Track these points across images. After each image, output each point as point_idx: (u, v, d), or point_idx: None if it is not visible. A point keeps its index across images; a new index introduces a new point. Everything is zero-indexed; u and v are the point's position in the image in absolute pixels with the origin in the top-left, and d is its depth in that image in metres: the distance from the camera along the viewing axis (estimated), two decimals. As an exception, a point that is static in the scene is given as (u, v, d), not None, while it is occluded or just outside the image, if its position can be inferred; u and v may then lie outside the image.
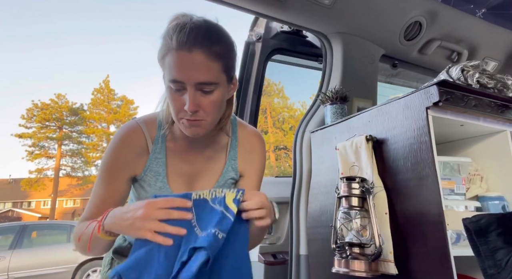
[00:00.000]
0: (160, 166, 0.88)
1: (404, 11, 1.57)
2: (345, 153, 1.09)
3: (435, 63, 1.88)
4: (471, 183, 1.08)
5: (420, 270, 0.84)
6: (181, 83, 0.73)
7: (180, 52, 0.72)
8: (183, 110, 0.76)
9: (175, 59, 0.73)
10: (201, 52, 0.72)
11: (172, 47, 0.73)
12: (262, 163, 0.99)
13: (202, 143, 0.92)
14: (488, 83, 0.95)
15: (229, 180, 0.96)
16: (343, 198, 0.97)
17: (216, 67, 0.75)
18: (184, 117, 0.77)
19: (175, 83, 0.74)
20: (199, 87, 0.74)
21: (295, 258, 1.37)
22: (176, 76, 0.73)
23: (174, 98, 0.76)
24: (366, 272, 0.88)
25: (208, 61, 0.73)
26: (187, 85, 0.73)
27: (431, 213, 0.83)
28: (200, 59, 0.72)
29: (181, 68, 0.72)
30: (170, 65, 0.74)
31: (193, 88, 0.74)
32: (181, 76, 0.72)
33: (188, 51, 0.71)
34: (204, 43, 0.72)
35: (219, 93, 0.78)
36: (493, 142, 1.07)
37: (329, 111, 1.34)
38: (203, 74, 0.73)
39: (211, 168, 0.94)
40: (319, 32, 1.59)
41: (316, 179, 1.30)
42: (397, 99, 0.97)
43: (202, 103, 0.75)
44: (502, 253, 0.60)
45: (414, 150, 0.89)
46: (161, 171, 0.88)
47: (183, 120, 0.78)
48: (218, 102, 0.79)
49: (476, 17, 1.70)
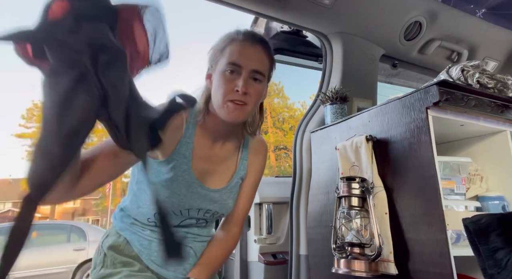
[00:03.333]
0: (187, 150, 0.92)
1: (404, 11, 1.57)
2: (345, 152, 1.09)
3: (435, 63, 1.88)
4: (471, 183, 1.08)
5: (420, 270, 0.84)
6: (239, 67, 0.86)
7: (245, 43, 0.88)
8: (233, 91, 0.85)
9: (239, 47, 0.87)
10: (261, 47, 0.89)
11: (238, 39, 0.88)
12: (263, 165, 1.09)
13: (221, 140, 0.98)
14: (488, 83, 0.95)
15: (239, 179, 1.02)
16: (343, 198, 0.97)
17: (267, 63, 0.91)
18: (232, 99, 0.86)
19: (233, 66, 0.86)
20: (252, 75, 0.87)
21: (295, 258, 1.37)
22: (237, 60, 0.86)
23: (227, 81, 0.86)
24: (366, 272, 0.88)
25: (264, 55, 0.89)
26: (244, 69, 0.86)
27: (431, 213, 0.83)
28: (259, 52, 0.89)
29: (243, 55, 0.87)
30: (232, 52, 0.87)
31: (247, 74, 0.86)
32: (242, 61, 0.86)
33: (251, 44, 0.88)
34: (263, 42, 0.91)
35: (262, 86, 0.91)
36: (493, 142, 1.08)
37: (329, 111, 1.34)
38: (259, 64, 0.88)
39: (225, 166, 1.00)
40: (319, 32, 1.59)
41: (316, 179, 1.30)
42: (397, 99, 0.97)
43: (250, 90, 0.86)
44: (502, 253, 0.60)
45: (414, 150, 0.89)
46: (187, 154, 0.92)
47: (229, 103, 0.86)
48: (260, 94, 0.91)
49: (476, 17, 1.70)
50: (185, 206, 0.92)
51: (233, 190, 1.01)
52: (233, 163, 1.02)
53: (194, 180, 0.92)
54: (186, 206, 0.92)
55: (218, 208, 0.97)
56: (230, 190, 1.00)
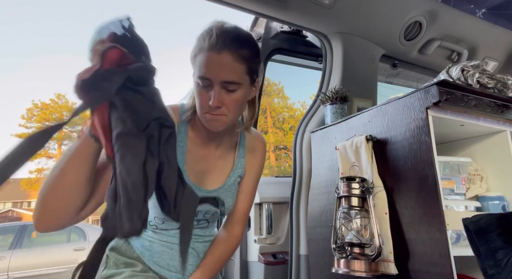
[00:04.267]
0: (180, 153, 0.92)
1: (404, 11, 1.57)
2: (345, 152, 1.09)
3: (435, 63, 1.88)
4: (471, 183, 1.08)
5: (420, 270, 0.84)
6: (208, 80, 0.81)
7: (210, 52, 0.80)
8: (207, 105, 0.83)
9: (205, 59, 0.81)
10: (229, 54, 0.80)
11: (204, 48, 0.81)
12: (262, 162, 1.07)
13: (219, 140, 0.98)
14: (488, 83, 0.95)
15: (237, 178, 1.01)
16: (343, 198, 0.97)
17: (241, 68, 0.82)
18: (208, 111, 0.84)
19: (203, 80, 0.82)
20: (224, 85, 0.82)
21: (295, 258, 1.37)
22: (205, 74, 0.81)
23: (200, 94, 0.84)
24: (366, 272, 0.88)
25: (234, 62, 0.81)
26: (214, 83, 0.81)
27: (431, 213, 0.83)
28: (227, 60, 0.80)
29: (210, 67, 0.80)
30: (200, 64, 0.82)
31: (219, 86, 0.81)
32: (209, 74, 0.80)
33: (217, 53, 0.80)
34: (232, 46, 0.80)
35: (241, 93, 0.85)
36: (493, 142, 1.07)
37: (329, 111, 1.34)
38: (229, 74, 0.81)
39: (221, 166, 0.99)
40: (319, 32, 1.59)
41: (316, 179, 1.30)
42: (397, 99, 0.97)
43: (225, 100, 0.83)
44: (502, 253, 0.60)
45: (414, 150, 0.89)
46: (181, 158, 0.91)
47: (206, 115, 0.85)
48: (240, 101, 0.86)
49: (476, 17, 1.70)
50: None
51: (231, 189, 1.00)
52: (230, 161, 1.01)
53: (190, 183, 0.91)
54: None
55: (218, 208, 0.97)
56: (228, 189, 0.99)
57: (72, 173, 0.60)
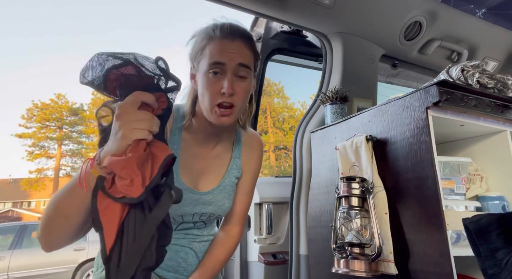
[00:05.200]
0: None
1: (404, 11, 1.57)
2: (345, 152, 1.09)
3: (435, 63, 1.88)
4: (471, 183, 1.08)
5: (420, 270, 0.84)
6: (223, 65, 0.83)
7: (224, 40, 0.84)
8: (219, 94, 0.83)
9: (219, 45, 0.84)
10: (241, 41, 0.86)
11: (216, 37, 0.84)
12: (259, 162, 1.07)
13: (215, 139, 0.97)
14: (488, 83, 0.95)
15: (233, 178, 1.00)
16: (343, 198, 0.97)
17: (251, 55, 0.88)
18: (219, 102, 0.83)
19: (216, 65, 0.83)
20: (237, 71, 0.84)
21: (295, 258, 1.37)
22: (219, 58, 0.83)
23: (211, 83, 0.84)
24: (366, 272, 0.88)
25: (246, 48, 0.86)
26: (227, 67, 0.83)
27: (431, 213, 0.83)
28: (240, 46, 0.85)
29: (224, 52, 0.83)
30: (212, 52, 0.84)
31: (231, 72, 0.83)
32: (224, 58, 0.83)
33: (231, 39, 0.84)
34: (244, 35, 0.87)
35: (250, 82, 0.88)
36: (493, 142, 1.07)
37: (329, 111, 1.34)
38: (243, 57, 0.85)
39: (217, 166, 0.98)
40: (319, 32, 1.58)
41: (316, 179, 1.30)
42: (397, 99, 0.97)
43: (237, 88, 0.84)
44: (502, 253, 0.60)
45: (414, 150, 0.89)
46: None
47: (216, 109, 0.84)
48: (248, 91, 0.88)
49: (476, 17, 1.70)
50: (177, 213, 0.91)
51: (227, 190, 0.99)
52: (226, 161, 1.00)
53: (184, 186, 0.90)
54: (178, 212, 0.91)
55: (213, 210, 0.96)
56: (223, 190, 0.98)
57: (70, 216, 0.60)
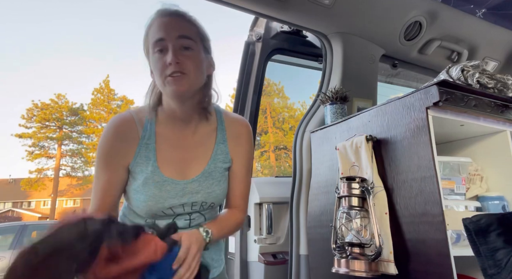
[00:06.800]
0: (150, 151, 0.91)
1: (404, 11, 1.57)
2: (345, 152, 1.09)
3: (435, 63, 1.88)
4: (471, 183, 1.08)
5: (420, 270, 0.84)
6: (163, 40, 0.84)
7: (161, 18, 0.87)
8: (166, 67, 0.84)
9: (157, 24, 0.86)
10: (179, 17, 0.88)
11: (154, 18, 0.87)
12: (249, 147, 1.04)
13: (190, 127, 0.96)
14: (488, 83, 0.95)
15: (219, 164, 0.97)
16: (343, 198, 0.97)
17: (192, 29, 0.89)
18: (169, 73, 0.84)
19: (158, 42, 0.84)
20: (180, 42, 0.85)
21: (295, 258, 1.37)
22: (159, 35, 0.85)
23: (158, 60, 0.85)
24: (366, 272, 0.88)
25: (185, 22, 0.88)
26: (168, 41, 0.84)
27: (431, 213, 0.83)
28: (178, 21, 0.87)
29: (163, 28, 0.85)
30: (153, 32, 0.86)
31: (173, 44, 0.84)
32: (163, 34, 0.84)
33: (168, 16, 0.87)
34: (180, 12, 0.89)
35: (197, 54, 0.88)
36: (493, 142, 1.07)
37: (329, 111, 1.34)
38: (181, 29, 0.86)
39: (200, 152, 0.97)
40: (319, 32, 1.59)
41: (316, 179, 1.30)
42: (397, 99, 0.97)
43: (182, 57, 0.84)
44: (502, 253, 0.60)
45: (414, 150, 0.89)
46: (151, 155, 0.91)
47: (168, 79, 0.84)
48: (197, 61, 0.88)
49: (476, 17, 1.70)
50: (165, 205, 0.90)
51: (214, 176, 0.96)
52: (209, 147, 0.98)
53: (165, 178, 0.90)
54: (166, 205, 0.90)
55: (203, 197, 0.94)
56: (209, 176, 0.95)
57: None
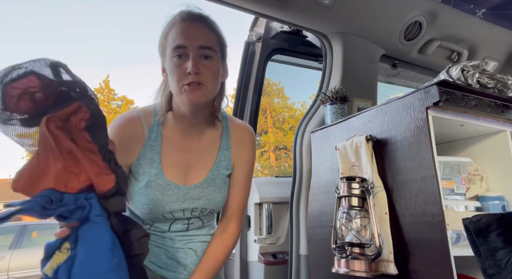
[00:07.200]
0: (155, 153, 0.90)
1: (404, 11, 1.57)
2: (345, 152, 1.09)
3: (435, 63, 1.88)
4: (471, 183, 1.08)
5: (420, 270, 0.84)
6: (185, 48, 0.84)
7: (184, 23, 0.86)
8: (185, 75, 0.83)
9: (180, 29, 0.85)
10: (201, 22, 0.87)
11: (177, 21, 0.86)
12: (252, 154, 1.04)
13: (197, 132, 0.96)
14: (488, 83, 0.95)
15: (222, 170, 0.97)
16: (343, 198, 0.97)
17: (213, 37, 0.88)
18: (186, 83, 0.83)
19: (179, 49, 0.84)
20: (200, 52, 0.85)
21: (295, 258, 1.37)
22: (180, 41, 0.84)
23: (177, 66, 0.84)
24: (366, 272, 0.88)
25: (207, 30, 0.88)
26: (190, 49, 0.84)
27: (431, 213, 0.83)
28: (200, 28, 0.87)
29: (185, 34, 0.85)
30: (174, 36, 0.85)
31: (195, 53, 0.84)
32: (185, 41, 0.84)
33: (191, 21, 0.86)
34: (203, 18, 0.89)
35: (216, 63, 0.88)
36: (493, 142, 1.07)
37: (329, 111, 1.34)
38: (204, 39, 0.86)
39: (205, 158, 0.96)
40: (319, 32, 1.58)
41: (316, 179, 1.30)
42: (397, 99, 0.97)
43: (202, 67, 0.84)
44: (502, 253, 0.60)
45: (414, 150, 0.89)
46: (155, 158, 0.90)
47: (185, 87, 0.84)
48: (215, 72, 0.88)
49: (476, 17, 1.70)
50: (166, 209, 0.90)
51: (216, 183, 0.96)
52: (213, 153, 0.98)
53: (168, 182, 0.89)
54: (166, 209, 0.90)
55: (204, 204, 0.94)
56: (212, 183, 0.95)
57: None
